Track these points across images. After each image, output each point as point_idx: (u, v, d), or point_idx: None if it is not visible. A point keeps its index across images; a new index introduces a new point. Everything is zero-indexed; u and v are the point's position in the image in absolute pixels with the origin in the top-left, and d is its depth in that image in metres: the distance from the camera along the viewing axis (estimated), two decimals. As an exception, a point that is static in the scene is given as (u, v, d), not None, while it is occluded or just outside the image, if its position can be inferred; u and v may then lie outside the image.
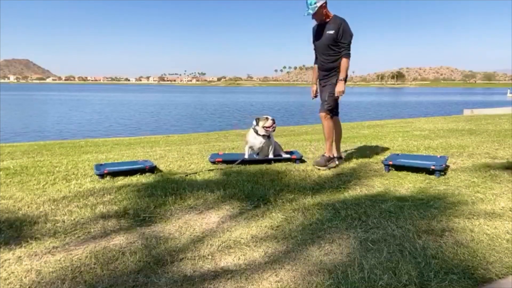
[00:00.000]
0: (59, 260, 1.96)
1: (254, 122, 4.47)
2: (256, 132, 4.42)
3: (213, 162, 4.42)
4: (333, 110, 4.12)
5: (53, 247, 2.13)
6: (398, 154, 4.30)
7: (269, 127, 4.34)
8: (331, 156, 4.08)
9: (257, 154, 4.60)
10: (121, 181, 3.58)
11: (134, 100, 46.74)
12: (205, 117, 24.60)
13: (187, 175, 3.79)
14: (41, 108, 33.34)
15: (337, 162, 4.13)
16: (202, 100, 48.06)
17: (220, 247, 2.10)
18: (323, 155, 4.10)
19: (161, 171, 4.05)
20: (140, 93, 78.00)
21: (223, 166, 4.29)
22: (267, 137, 4.42)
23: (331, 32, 3.90)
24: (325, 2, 3.90)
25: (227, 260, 1.95)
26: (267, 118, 4.36)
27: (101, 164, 4.16)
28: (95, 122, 21.00)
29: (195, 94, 76.07)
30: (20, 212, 2.74)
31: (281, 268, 1.85)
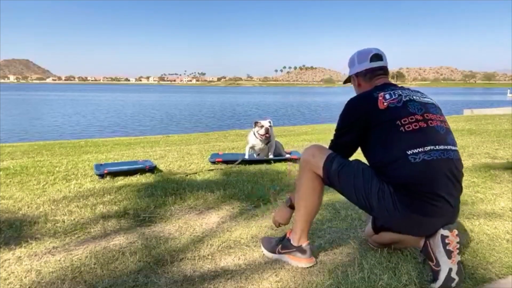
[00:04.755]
0: (59, 260, 1.96)
1: (253, 125, 4.53)
2: (255, 134, 4.48)
3: (213, 162, 4.43)
4: None
5: (53, 247, 2.12)
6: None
7: (262, 135, 4.41)
8: None
9: (258, 154, 4.62)
10: (121, 181, 3.58)
11: (117, 101, 45.81)
12: (188, 118, 23.92)
13: (187, 175, 3.79)
14: (34, 108, 33.05)
15: None
16: (189, 101, 47.10)
17: (220, 247, 2.10)
18: None
19: (161, 171, 4.05)
20: (135, 94, 77.49)
21: (223, 166, 4.29)
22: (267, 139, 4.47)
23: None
24: None
25: (227, 260, 1.95)
26: (262, 126, 4.41)
27: (101, 164, 4.16)
28: (75, 123, 20.68)
29: (188, 95, 75.28)
30: (20, 212, 2.74)
31: (281, 268, 1.85)
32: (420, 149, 1.59)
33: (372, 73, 1.88)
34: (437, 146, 1.62)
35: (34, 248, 2.12)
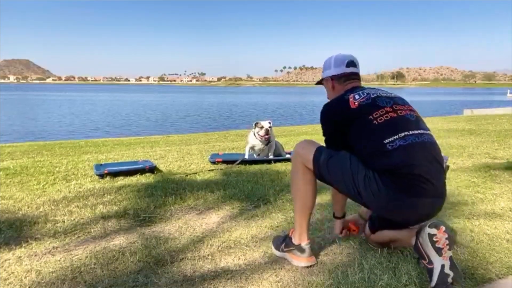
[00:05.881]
0: (59, 260, 1.96)
1: (253, 125, 4.53)
2: (255, 135, 4.49)
3: (213, 162, 4.43)
4: None
5: (53, 247, 2.12)
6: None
7: (262, 136, 4.42)
8: None
9: (258, 154, 4.62)
10: (121, 181, 3.59)
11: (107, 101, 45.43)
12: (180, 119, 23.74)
13: (187, 175, 3.79)
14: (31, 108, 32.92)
15: None
16: (186, 101, 46.74)
17: (220, 247, 2.10)
18: None
19: (161, 171, 4.06)
20: (135, 94, 77.17)
21: (223, 166, 4.29)
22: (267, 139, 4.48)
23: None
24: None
25: (227, 260, 1.95)
26: (262, 127, 4.42)
27: (101, 164, 4.16)
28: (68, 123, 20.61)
29: (186, 95, 74.84)
30: (20, 212, 2.74)
31: (281, 268, 1.85)
32: (395, 136, 1.68)
33: (346, 77, 1.99)
34: (410, 131, 1.71)
35: (34, 248, 2.12)
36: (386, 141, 1.68)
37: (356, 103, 1.79)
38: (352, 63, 2.01)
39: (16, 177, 3.89)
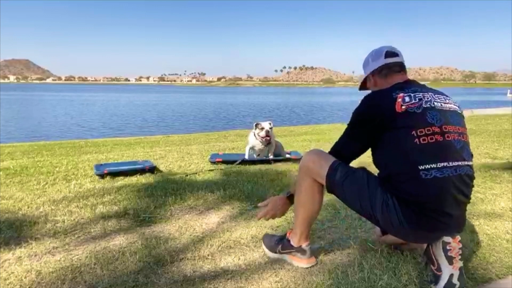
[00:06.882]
0: (59, 260, 1.96)
1: (254, 126, 4.53)
2: (255, 135, 4.49)
3: (213, 162, 4.43)
4: None
5: (53, 247, 2.12)
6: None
7: (263, 137, 4.41)
8: None
9: (258, 154, 4.62)
10: (121, 181, 3.58)
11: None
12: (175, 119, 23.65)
13: (187, 175, 3.79)
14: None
15: None
16: (184, 101, 46.77)
17: (220, 247, 2.10)
18: None
19: (161, 171, 4.06)
20: (134, 94, 77.25)
21: (223, 166, 4.29)
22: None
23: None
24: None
25: (227, 260, 1.95)
26: (262, 128, 4.41)
27: (101, 164, 4.16)
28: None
29: (185, 95, 74.78)
30: (20, 212, 2.74)
31: (281, 268, 1.85)
32: (433, 165, 1.52)
33: (388, 69, 1.78)
34: (450, 163, 1.55)
35: (34, 248, 2.12)
36: (422, 167, 1.51)
37: (404, 107, 1.55)
38: (391, 53, 1.80)
39: (16, 177, 3.89)
